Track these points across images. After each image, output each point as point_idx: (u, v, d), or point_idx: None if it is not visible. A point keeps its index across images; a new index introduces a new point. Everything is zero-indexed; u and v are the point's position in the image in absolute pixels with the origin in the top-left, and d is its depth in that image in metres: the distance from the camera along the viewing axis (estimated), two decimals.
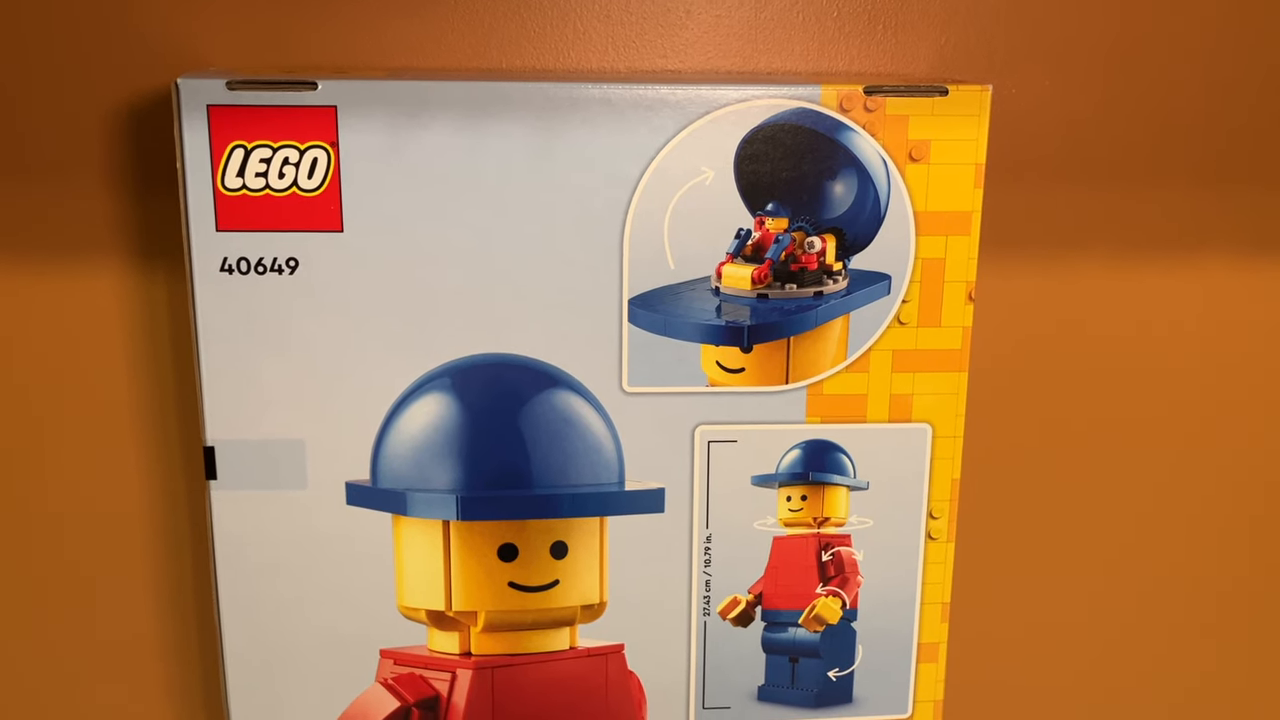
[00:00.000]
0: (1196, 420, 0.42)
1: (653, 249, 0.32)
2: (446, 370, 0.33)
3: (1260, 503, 0.43)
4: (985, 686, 0.44)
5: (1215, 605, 0.44)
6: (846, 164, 0.32)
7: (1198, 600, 0.44)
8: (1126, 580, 0.43)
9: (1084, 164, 0.39)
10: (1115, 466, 0.42)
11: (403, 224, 0.32)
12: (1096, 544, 0.43)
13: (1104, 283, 0.40)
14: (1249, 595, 0.44)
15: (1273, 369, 0.41)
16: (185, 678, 0.41)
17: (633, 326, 0.33)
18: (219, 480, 0.33)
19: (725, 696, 0.37)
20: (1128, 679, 0.44)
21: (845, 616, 0.36)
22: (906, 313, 0.34)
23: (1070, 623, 0.44)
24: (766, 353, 0.34)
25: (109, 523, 0.39)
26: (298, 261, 0.32)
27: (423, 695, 0.34)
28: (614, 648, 0.35)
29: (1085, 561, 0.43)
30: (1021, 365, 0.40)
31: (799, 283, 0.33)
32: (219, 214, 0.32)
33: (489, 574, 0.34)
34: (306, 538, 0.34)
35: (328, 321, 0.32)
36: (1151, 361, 0.41)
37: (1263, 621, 0.44)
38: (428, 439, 0.33)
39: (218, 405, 0.33)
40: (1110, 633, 0.44)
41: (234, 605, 0.34)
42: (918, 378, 0.34)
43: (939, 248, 0.33)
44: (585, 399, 0.33)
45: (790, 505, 0.35)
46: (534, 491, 0.33)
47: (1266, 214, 0.40)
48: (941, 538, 0.36)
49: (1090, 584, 0.43)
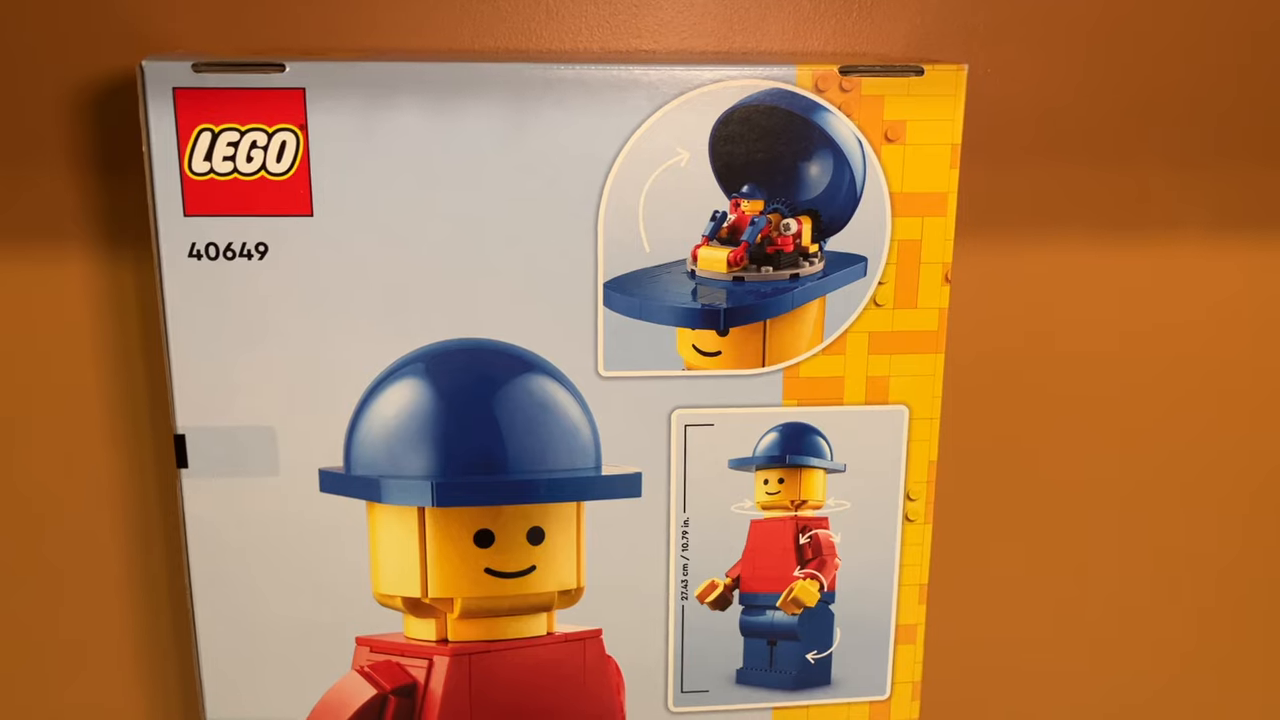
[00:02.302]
0: (1175, 400, 0.42)
1: (628, 232, 0.32)
2: (420, 355, 0.33)
3: (1239, 479, 0.43)
4: (963, 668, 0.44)
5: (1195, 583, 0.44)
6: (822, 145, 0.32)
7: (1178, 579, 0.44)
8: (1105, 560, 0.43)
9: (1061, 144, 0.39)
10: (1093, 447, 0.42)
11: (374, 208, 0.31)
12: (1074, 525, 0.43)
13: (1081, 263, 0.40)
14: (1230, 572, 0.44)
15: (1251, 347, 0.42)
16: (159, 669, 0.41)
17: (608, 310, 0.33)
18: (190, 468, 0.33)
19: (703, 680, 0.37)
20: (1107, 659, 0.45)
21: (823, 599, 0.36)
22: (883, 295, 0.34)
23: (1048, 603, 0.44)
24: (743, 336, 0.34)
25: (79, 513, 0.39)
26: (267, 247, 0.31)
27: (400, 683, 0.34)
28: (592, 633, 0.35)
29: (1063, 542, 0.43)
30: (998, 347, 0.40)
31: (775, 265, 0.33)
32: (186, 199, 0.31)
33: (465, 560, 0.34)
34: (279, 526, 0.33)
35: (298, 307, 0.32)
36: (1129, 342, 0.41)
37: (1245, 597, 0.44)
38: (402, 425, 0.33)
39: (187, 392, 0.32)
40: (1089, 613, 0.44)
41: (207, 594, 0.34)
42: (894, 360, 0.34)
43: (915, 229, 0.33)
44: (561, 384, 0.33)
45: (767, 488, 0.35)
46: (510, 477, 0.33)
47: (1244, 193, 0.40)
48: (919, 519, 0.36)
49: (1068, 564, 0.43)
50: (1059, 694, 0.45)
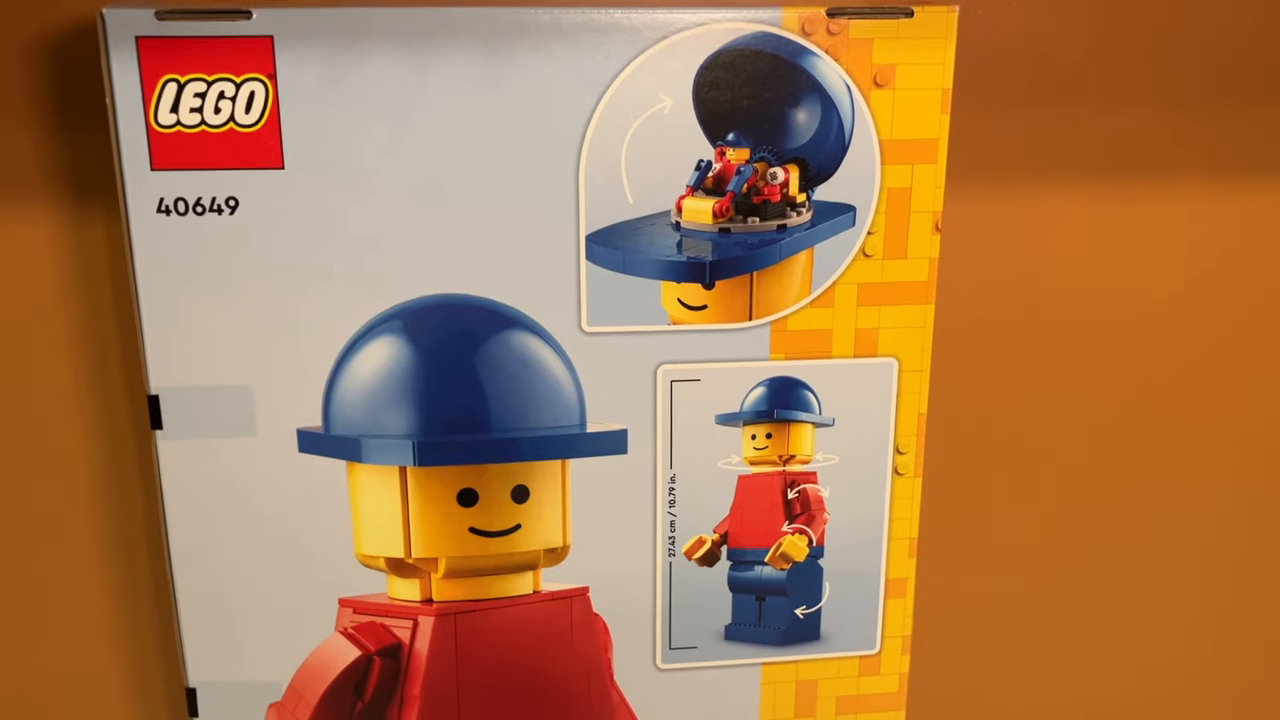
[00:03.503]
0: (1170, 350, 0.41)
1: (610, 182, 0.32)
2: (398, 312, 0.32)
3: (1234, 430, 0.43)
4: (953, 621, 0.44)
5: (1186, 537, 0.44)
6: (809, 90, 0.31)
7: (1169, 529, 0.44)
8: (1095, 512, 0.43)
9: (1055, 88, 0.38)
10: (1085, 398, 0.42)
11: (347, 160, 0.31)
12: (1065, 477, 0.43)
13: (1075, 211, 0.39)
14: (1222, 528, 0.44)
15: (1248, 295, 0.41)
16: (140, 634, 0.40)
17: (590, 264, 0.32)
18: (165, 430, 0.33)
19: (692, 636, 0.36)
20: (1095, 611, 0.45)
21: (812, 554, 0.36)
22: (872, 245, 0.33)
23: (1038, 556, 0.44)
24: (729, 289, 0.33)
25: (53, 478, 0.38)
26: (238, 201, 0.31)
27: (384, 643, 0.34)
28: (578, 591, 0.35)
29: (1054, 494, 0.43)
30: (989, 297, 0.40)
31: (762, 216, 0.32)
32: (153, 152, 0.30)
33: (449, 520, 0.33)
34: (258, 487, 0.33)
35: (271, 263, 0.31)
36: (1124, 290, 0.41)
37: (1236, 548, 0.44)
38: (381, 383, 0.32)
39: (160, 352, 0.32)
40: (1078, 566, 0.44)
41: (187, 557, 0.34)
42: (883, 311, 0.34)
43: (905, 177, 0.33)
44: (543, 339, 0.33)
45: (755, 444, 0.35)
46: (493, 435, 0.33)
47: (1240, 138, 0.39)
48: (908, 473, 0.36)
49: (1059, 517, 0.43)
50: (1049, 647, 0.45)
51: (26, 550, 0.39)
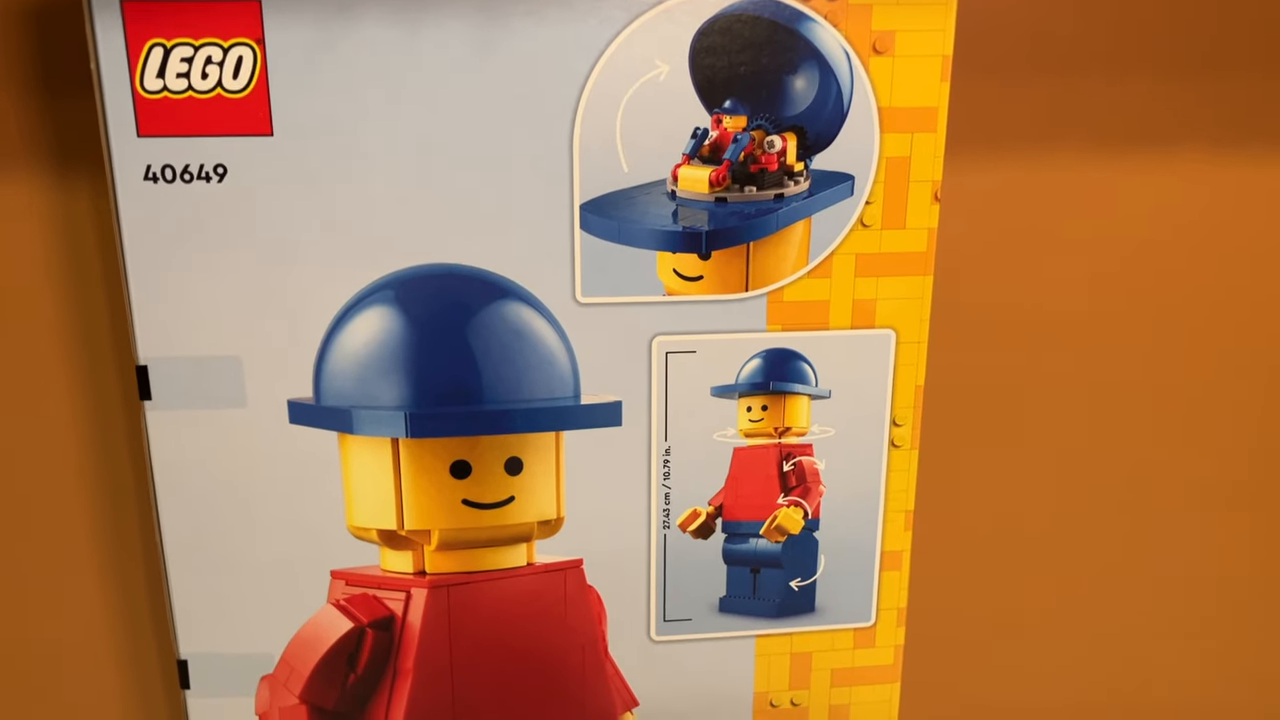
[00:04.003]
0: (1170, 320, 0.41)
1: (604, 150, 0.31)
2: (389, 282, 0.32)
3: (1235, 401, 0.43)
4: (949, 594, 0.44)
5: (1185, 506, 0.44)
6: (807, 57, 0.31)
7: (1169, 503, 0.44)
8: (1092, 484, 0.43)
9: (1055, 56, 0.37)
10: (1085, 369, 0.41)
11: (337, 126, 0.30)
12: (1062, 449, 0.42)
13: (1075, 180, 0.39)
14: (1223, 498, 0.44)
15: (1249, 262, 0.41)
16: (131, 608, 0.40)
17: (585, 233, 0.32)
18: (154, 400, 0.32)
19: (686, 609, 0.36)
20: (1092, 583, 0.45)
21: (807, 526, 0.36)
22: (870, 215, 0.33)
23: (1035, 528, 0.43)
24: (725, 259, 0.33)
25: (41, 450, 0.38)
26: (226, 169, 0.30)
27: (377, 615, 0.34)
28: (572, 563, 0.35)
29: (1051, 467, 0.43)
30: (988, 267, 0.40)
31: (759, 185, 0.32)
32: (139, 118, 0.30)
33: (441, 492, 0.33)
34: (248, 458, 0.33)
35: (261, 232, 0.31)
36: (1123, 261, 0.40)
37: (1238, 522, 0.44)
38: (372, 354, 0.32)
39: (148, 322, 0.32)
40: (1075, 537, 0.44)
41: (176, 528, 0.33)
42: (881, 282, 0.34)
43: (904, 145, 0.32)
44: (537, 310, 0.32)
45: (751, 416, 0.34)
46: (485, 407, 0.32)
47: (1241, 106, 0.39)
48: (905, 445, 0.36)
49: (1056, 489, 0.43)
50: (1046, 619, 0.45)
51: (16, 524, 0.39)
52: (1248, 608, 0.46)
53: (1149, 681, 0.46)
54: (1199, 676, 0.47)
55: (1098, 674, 0.46)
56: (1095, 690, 0.46)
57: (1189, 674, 0.47)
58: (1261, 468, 0.44)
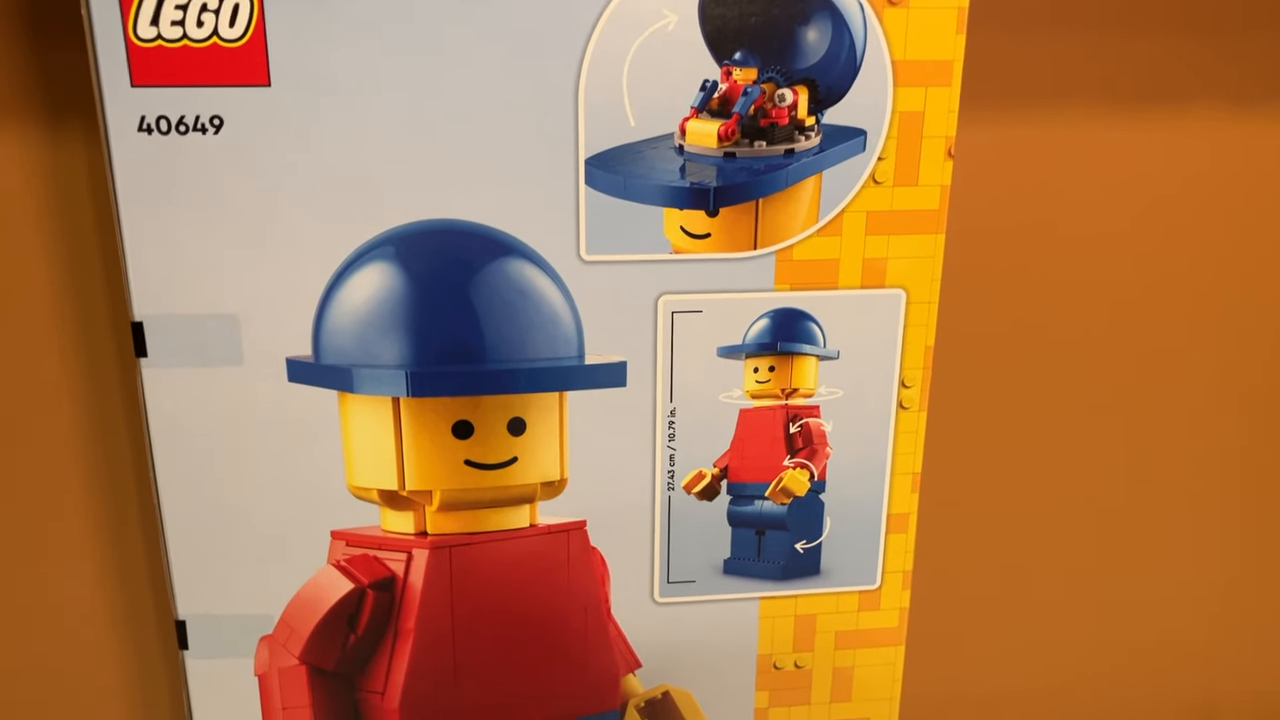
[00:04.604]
0: (1185, 279, 0.41)
1: (611, 103, 0.31)
2: (390, 238, 0.31)
3: (1248, 359, 0.42)
4: (955, 556, 0.44)
5: (1195, 470, 0.44)
6: (820, 8, 0.30)
7: (1176, 465, 0.43)
8: (1103, 447, 0.43)
9: (1073, 10, 0.37)
10: (1099, 330, 0.41)
11: (335, 77, 0.30)
12: (1074, 412, 0.42)
13: (1091, 138, 0.38)
14: (1231, 457, 0.44)
15: (1263, 222, 0.40)
16: (129, 568, 0.40)
17: (590, 189, 0.31)
18: (149, 358, 0.32)
19: (690, 570, 0.36)
20: (1100, 547, 0.44)
21: (813, 488, 0.36)
22: (882, 171, 0.32)
23: (1043, 492, 0.43)
24: (734, 216, 0.32)
25: (36, 408, 0.38)
26: (222, 120, 0.30)
27: (378, 576, 0.33)
28: (576, 524, 0.35)
29: (1061, 430, 0.42)
30: (1001, 226, 0.39)
31: (769, 139, 0.31)
32: (133, 68, 0.29)
33: (443, 452, 0.33)
34: (246, 416, 0.32)
35: (258, 186, 0.30)
36: (1139, 220, 0.40)
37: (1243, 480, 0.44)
38: (372, 312, 0.31)
39: (144, 278, 0.31)
40: (1084, 501, 0.44)
41: (174, 489, 0.33)
42: (892, 240, 0.33)
43: (918, 100, 0.32)
44: (540, 268, 0.32)
45: (757, 377, 0.34)
46: (488, 366, 0.32)
47: (1257, 63, 0.38)
48: (913, 407, 0.35)
49: (1066, 452, 0.43)
50: (1051, 583, 0.45)
51: (11, 483, 0.39)
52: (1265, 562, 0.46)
53: (1158, 642, 0.46)
54: (1207, 636, 0.47)
55: (1104, 636, 0.46)
56: (1101, 652, 0.46)
57: (1197, 634, 0.47)
58: (1274, 418, 0.43)
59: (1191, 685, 0.47)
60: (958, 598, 0.44)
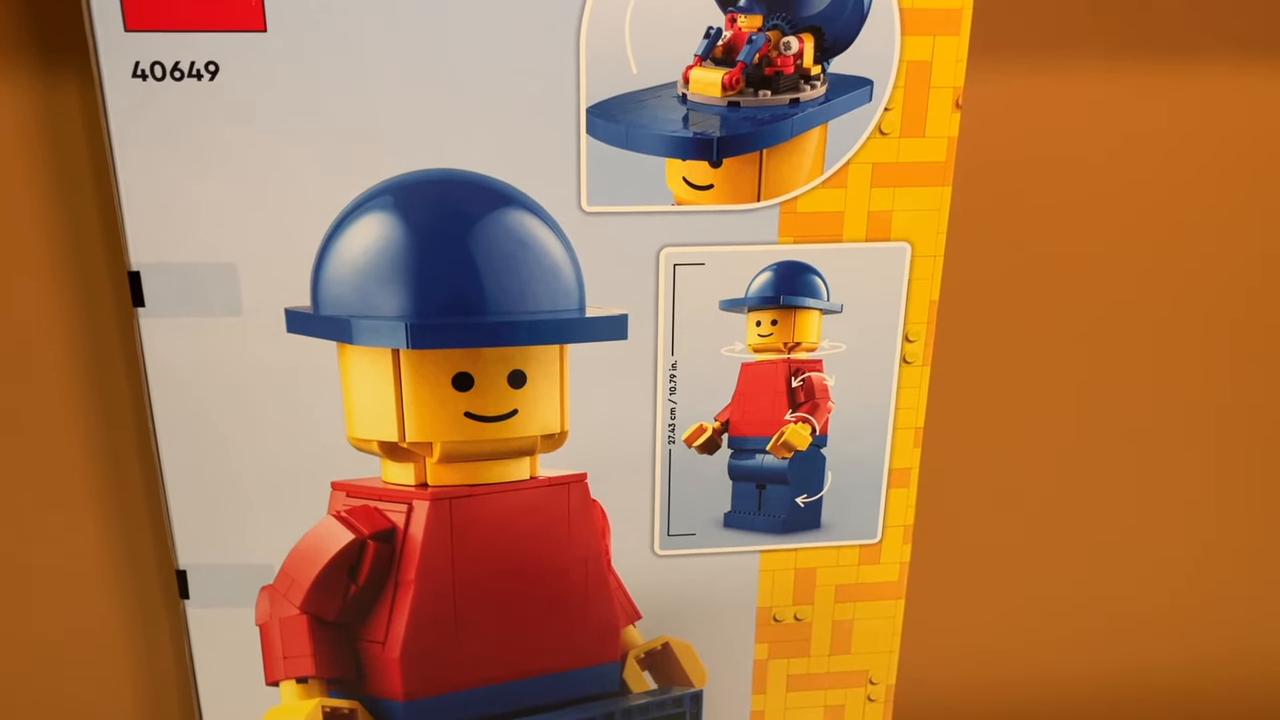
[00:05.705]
0: (1192, 234, 0.40)
1: (613, 50, 0.30)
2: (388, 187, 0.31)
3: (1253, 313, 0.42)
4: (956, 511, 0.44)
5: (1199, 429, 0.43)
6: None
7: (1183, 424, 0.43)
8: (1105, 402, 0.43)
9: None
10: (1104, 286, 0.41)
11: (333, 22, 0.29)
12: (1078, 366, 0.42)
13: (1100, 90, 0.38)
14: (1238, 423, 0.43)
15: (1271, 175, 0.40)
16: (129, 518, 0.40)
17: (591, 139, 0.31)
18: (147, 307, 0.32)
19: (690, 523, 0.36)
20: (1102, 505, 0.44)
21: (815, 443, 0.36)
22: (889, 122, 0.32)
23: (1047, 446, 0.43)
24: (737, 167, 0.32)
25: (32, 359, 0.37)
26: (218, 66, 0.29)
27: (378, 527, 0.33)
28: (576, 476, 0.35)
29: (1067, 385, 0.42)
30: (1007, 179, 0.39)
31: (773, 89, 0.31)
32: (126, 12, 0.29)
33: (444, 404, 0.32)
34: (245, 367, 0.32)
35: (255, 133, 0.30)
36: (1147, 173, 0.39)
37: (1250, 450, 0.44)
38: (371, 262, 0.31)
39: (140, 226, 0.31)
40: (1087, 457, 0.43)
41: (173, 440, 0.33)
42: (898, 193, 0.33)
43: (925, 49, 0.31)
44: (541, 219, 0.31)
45: (760, 330, 0.34)
46: (488, 318, 0.31)
47: (1267, 17, 0.37)
48: (917, 361, 0.35)
49: (1069, 406, 0.42)
50: (1053, 539, 0.45)
51: (10, 434, 0.38)
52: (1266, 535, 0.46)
53: (1159, 606, 0.47)
54: (1208, 601, 0.47)
55: (1103, 594, 0.46)
56: (1100, 609, 0.46)
57: (1196, 598, 0.47)
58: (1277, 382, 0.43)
59: (1202, 635, 0.48)
60: (959, 552, 0.44)
